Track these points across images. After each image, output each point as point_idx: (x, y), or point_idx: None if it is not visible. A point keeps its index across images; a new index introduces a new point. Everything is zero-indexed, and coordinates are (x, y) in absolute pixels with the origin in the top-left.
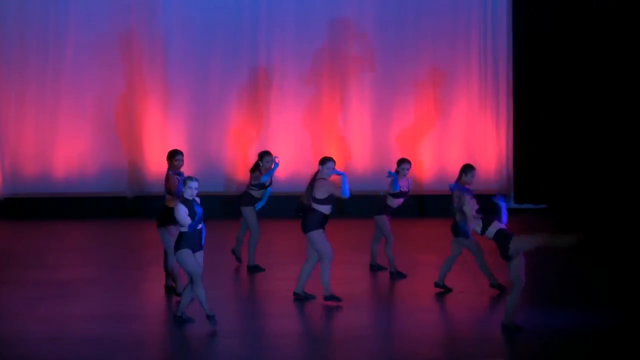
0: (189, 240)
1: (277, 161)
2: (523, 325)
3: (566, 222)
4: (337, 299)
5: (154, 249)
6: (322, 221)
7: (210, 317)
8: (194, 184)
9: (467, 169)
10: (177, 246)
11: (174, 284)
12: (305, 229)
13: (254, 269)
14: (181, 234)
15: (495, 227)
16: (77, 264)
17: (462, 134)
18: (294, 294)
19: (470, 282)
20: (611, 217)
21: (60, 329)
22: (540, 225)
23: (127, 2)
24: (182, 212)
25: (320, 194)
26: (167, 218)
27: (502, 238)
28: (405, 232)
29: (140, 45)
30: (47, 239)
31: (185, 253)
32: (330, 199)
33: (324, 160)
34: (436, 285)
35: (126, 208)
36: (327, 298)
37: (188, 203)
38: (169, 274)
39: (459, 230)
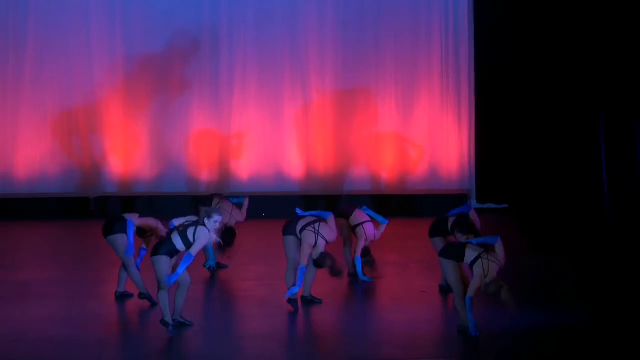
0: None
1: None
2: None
3: (528, 221)
4: (294, 305)
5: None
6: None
7: (163, 323)
8: (219, 218)
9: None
10: (157, 251)
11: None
12: (283, 232)
13: (217, 266)
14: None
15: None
16: (38, 265)
17: (424, 133)
18: (302, 297)
19: (433, 282)
20: (573, 216)
21: (22, 330)
22: (502, 224)
23: (86, 2)
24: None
25: None
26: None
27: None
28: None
29: (100, 45)
30: (7, 240)
31: (163, 260)
32: None
33: None
34: (440, 287)
35: (87, 209)
36: (289, 300)
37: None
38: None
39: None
